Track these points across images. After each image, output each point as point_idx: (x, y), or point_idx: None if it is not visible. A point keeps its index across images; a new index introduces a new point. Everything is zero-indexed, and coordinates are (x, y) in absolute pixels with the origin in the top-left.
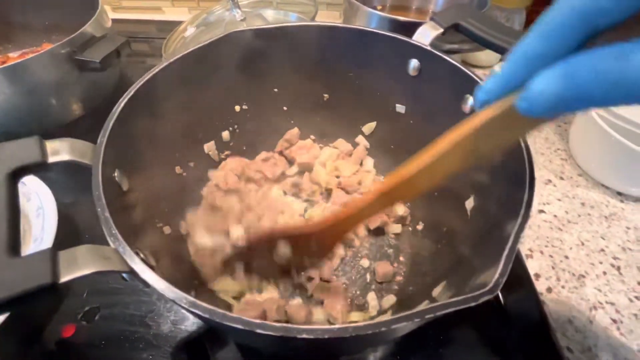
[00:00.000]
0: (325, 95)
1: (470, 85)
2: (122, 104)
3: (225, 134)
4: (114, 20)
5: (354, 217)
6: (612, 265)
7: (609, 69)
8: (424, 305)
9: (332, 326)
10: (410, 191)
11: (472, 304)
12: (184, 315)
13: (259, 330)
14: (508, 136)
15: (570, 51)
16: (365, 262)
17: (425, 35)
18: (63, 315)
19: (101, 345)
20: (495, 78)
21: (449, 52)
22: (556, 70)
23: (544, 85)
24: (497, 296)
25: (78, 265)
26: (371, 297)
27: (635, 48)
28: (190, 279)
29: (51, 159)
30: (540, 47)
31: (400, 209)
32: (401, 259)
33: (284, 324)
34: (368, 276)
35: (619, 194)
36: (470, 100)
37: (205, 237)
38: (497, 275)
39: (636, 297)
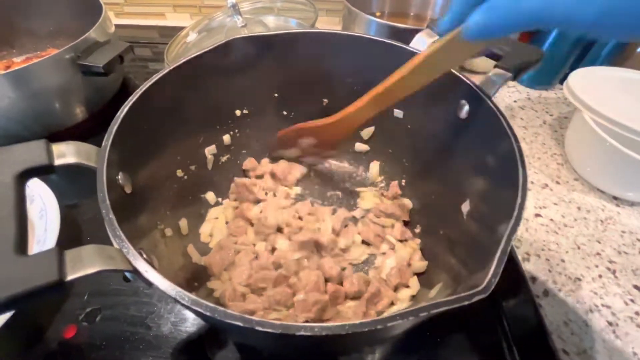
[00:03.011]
0: (325, 100)
1: (465, 90)
2: (126, 108)
3: (226, 138)
4: (117, 26)
5: (354, 116)
6: (608, 269)
7: (509, 6)
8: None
9: (330, 324)
10: (391, 96)
11: (466, 303)
12: (184, 317)
13: (258, 328)
14: (457, 57)
15: None
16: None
17: (421, 43)
18: (64, 316)
19: (102, 346)
20: (448, 17)
21: None
22: (482, 7)
23: (475, 17)
24: (494, 299)
25: (83, 264)
26: None
27: None
28: (191, 280)
29: (57, 162)
30: None
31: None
32: None
33: (283, 322)
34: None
35: (615, 198)
36: (465, 107)
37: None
38: (489, 276)
39: (631, 300)
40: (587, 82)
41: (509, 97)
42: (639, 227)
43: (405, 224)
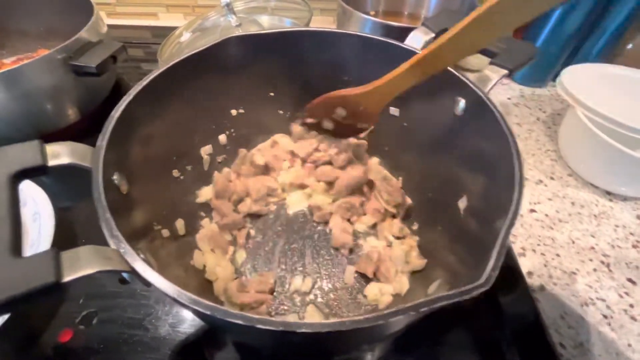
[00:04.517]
0: None
1: (460, 87)
2: (121, 108)
3: (222, 138)
4: (109, 26)
5: (392, 84)
6: (602, 263)
7: None
8: None
9: (330, 321)
10: (442, 60)
11: (466, 297)
12: (182, 318)
13: (259, 326)
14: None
15: None
16: None
17: (417, 40)
18: (60, 319)
19: (99, 349)
20: None
21: None
22: None
23: None
24: (492, 294)
25: (80, 265)
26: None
27: None
28: (187, 280)
29: (51, 162)
30: None
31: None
32: None
33: (284, 320)
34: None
35: (608, 193)
36: (461, 103)
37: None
38: (489, 269)
39: (626, 293)
40: (579, 79)
41: (503, 94)
42: (632, 221)
43: (403, 220)
